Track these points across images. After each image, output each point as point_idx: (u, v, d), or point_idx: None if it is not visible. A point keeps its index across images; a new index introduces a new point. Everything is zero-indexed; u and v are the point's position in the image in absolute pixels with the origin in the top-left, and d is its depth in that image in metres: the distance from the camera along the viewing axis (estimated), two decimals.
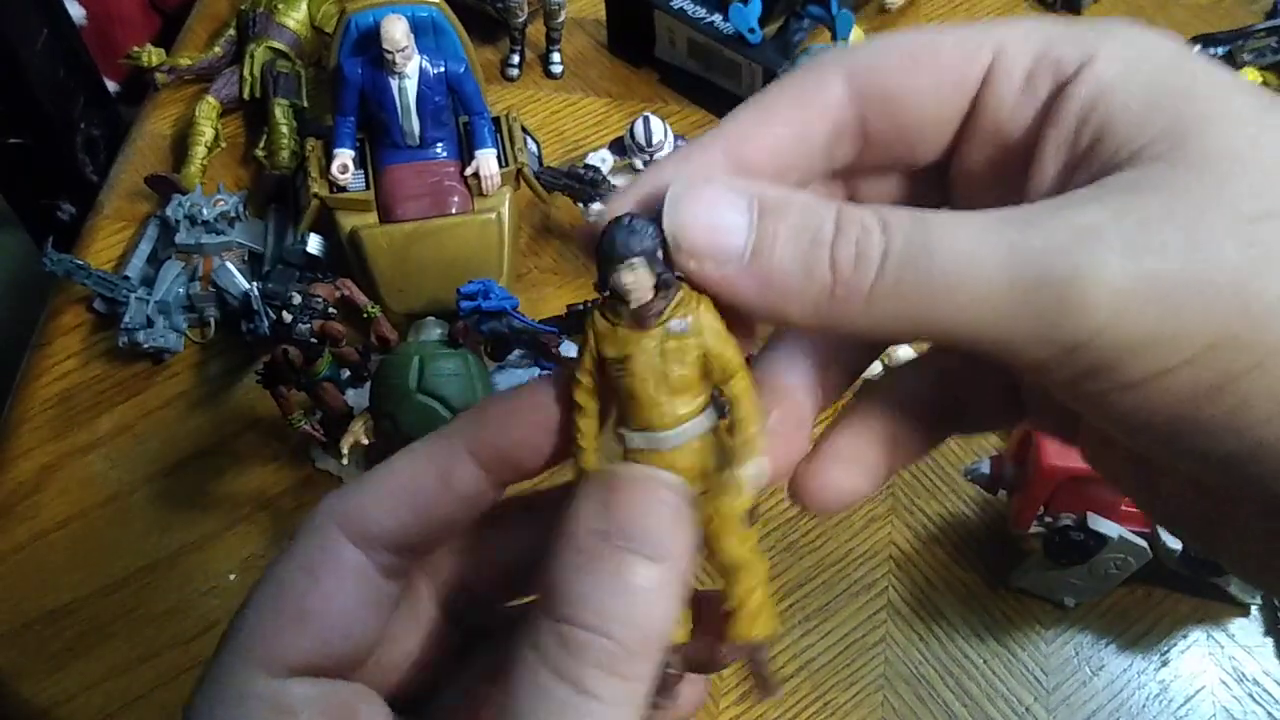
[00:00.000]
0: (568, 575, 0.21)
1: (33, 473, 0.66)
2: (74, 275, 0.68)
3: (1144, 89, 0.22)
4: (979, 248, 0.20)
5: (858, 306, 0.21)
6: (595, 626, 0.21)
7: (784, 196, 0.22)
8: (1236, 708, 0.58)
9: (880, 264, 0.21)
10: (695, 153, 0.25)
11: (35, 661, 0.60)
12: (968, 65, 0.24)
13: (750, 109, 0.25)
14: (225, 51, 0.83)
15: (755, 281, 0.22)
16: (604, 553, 0.21)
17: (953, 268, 0.20)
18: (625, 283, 0.23)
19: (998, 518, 0.63)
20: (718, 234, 0.22)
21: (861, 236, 0.21)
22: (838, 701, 0.58)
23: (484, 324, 0.60)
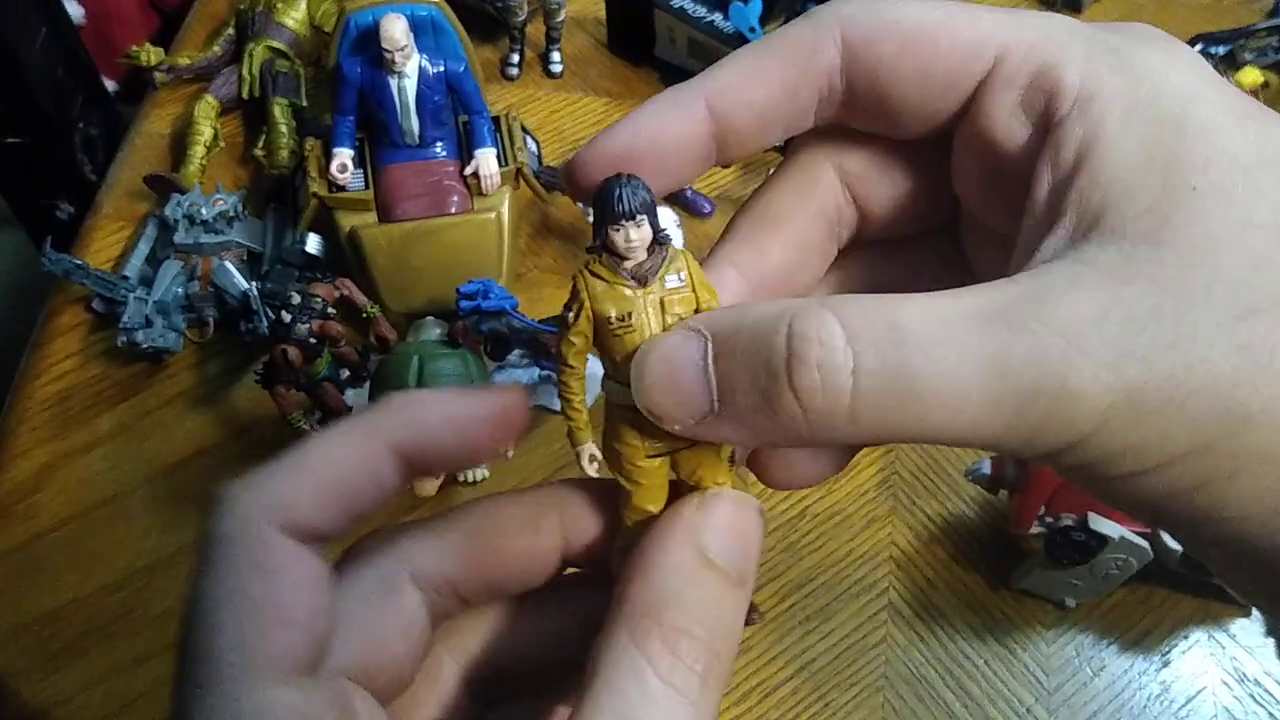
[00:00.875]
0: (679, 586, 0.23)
1: (32, 473, 0.66)
2: (73, 275, 0.68)
3: (1138, 147, 0.21)
4: (961, 362, 0.19)
5: (839, 429, 0.20)
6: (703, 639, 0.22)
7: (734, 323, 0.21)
8: (1238, 708, 0.58)
9: (854, 385, 0.20)
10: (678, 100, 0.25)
11: (35, 661, 0.60)
12: (964, 69, 0.24)
13: (740, 61, 0.25)
14: (224, 51, 0.83)
15: (732, 427, 0.22)
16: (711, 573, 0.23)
17: (935, 387, 0.19)
18: (632, 239, 0.23)
19: (998, 518, 0.63)
20: (683, 401, 0.22)
21: (821, 356, 0.20)
22: (838, 702, 0.58)
23: (484, 324, 0.60)
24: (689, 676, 0.22)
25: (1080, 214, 0.21)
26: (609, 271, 0.23)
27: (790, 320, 0.20)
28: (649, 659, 0.22)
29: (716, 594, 0.23)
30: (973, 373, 0.19)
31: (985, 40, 0.24)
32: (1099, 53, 0.23)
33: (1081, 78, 0.22)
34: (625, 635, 0.22)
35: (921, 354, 0.19)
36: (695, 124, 0.25)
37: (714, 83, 0.25)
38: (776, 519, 0.64)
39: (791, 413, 0.20)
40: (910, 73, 0.24)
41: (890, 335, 0.20)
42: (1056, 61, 0.23)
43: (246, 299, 0.65)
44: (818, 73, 0.24)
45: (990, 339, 0.19)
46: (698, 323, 0.22)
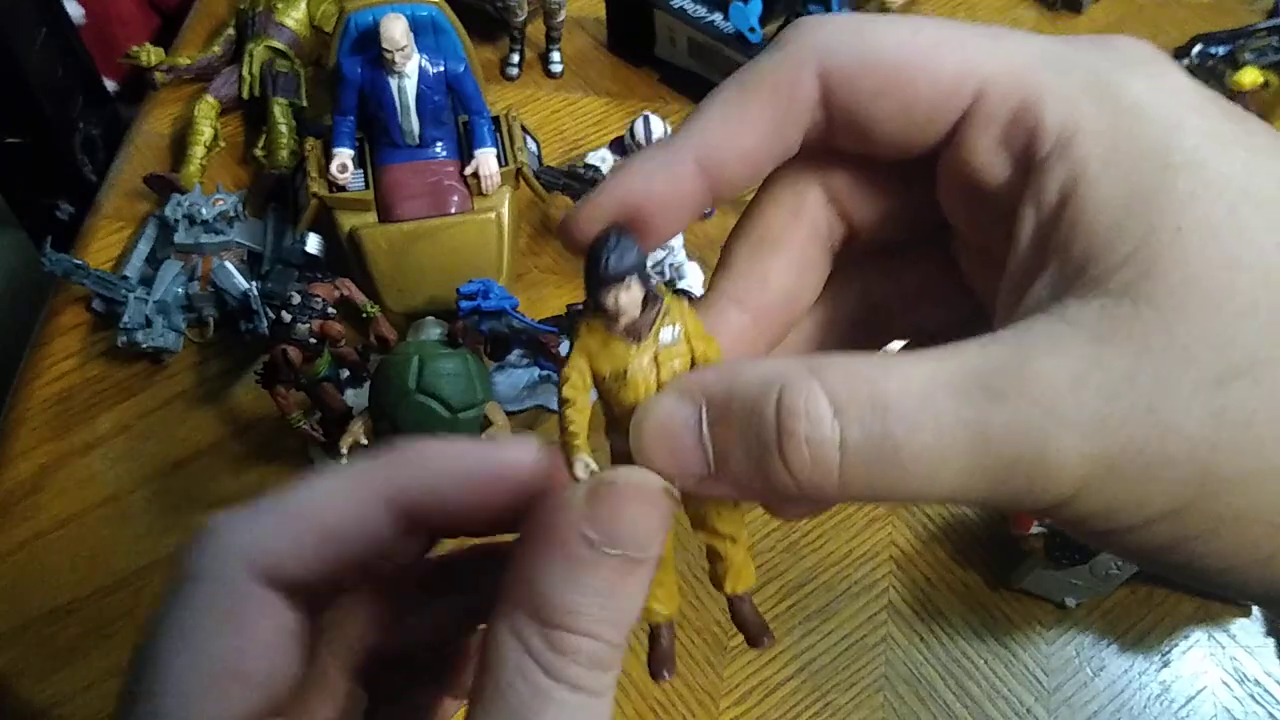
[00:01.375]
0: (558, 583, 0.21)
1: (32, 473, 0.66)
2: (73, 275, 0.68)
3: (1120, 188, 0.21)
4: (942, 434, 0.20)
5: (830, 493, 0.21)
6: (588, 631, 0.21)
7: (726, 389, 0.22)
8: (1238, 708, 0.58)
9: (841, 458, 0.20)
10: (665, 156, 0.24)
11: (35, 661, 0.60)
12: (944, 104, 0.23)
13: (721, 108, 0.24)
14: (224, 51, 0.83)
15: (729, 487, 0.22)
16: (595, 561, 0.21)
17: (919, 459, 0.20)
18: (622, 302, 0.23)
19: (998, 518, 0.63)
20: (681, 460, 0.22)
21: (810, 431, 0.20)
22: (838, 702, 0.58)
23: (484, 324, 0.60)
24: (576, 671, 0.21)
25: (1063, 261, 0.21)
26: (603, 329, 0.24)
27: (779, 392, 0.21)
28: (533, 655, 0.21)
29: (603, 585, 0.21)
30: (953, 443, 0.20)
31: (965, 75, 0.23)
32: (1080, 84, 0.22)
33: (1062, 115, 0.22)
34: (508, 631, 0.21)
35: (904, 426, 0.20)
36: (685, 181, 0.24)
37: (700, 136, 0.24)
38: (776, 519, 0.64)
39: (783, 480, 0.21)
40: (889, 109, 0.24)
41: (874, 408, 0.20)
42: (1037, 97, 0.22)
43: (246, 299, 0.65)
44: (801, 111, 0.24)
45: (970, 409, 0.20)
46: (692, 385, 0.22)
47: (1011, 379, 0.20)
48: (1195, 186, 0.20)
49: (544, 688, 0.21)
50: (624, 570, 0.22)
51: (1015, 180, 0.23)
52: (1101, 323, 0.20)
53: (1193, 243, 0.20)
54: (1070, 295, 0.21)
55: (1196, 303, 0.20)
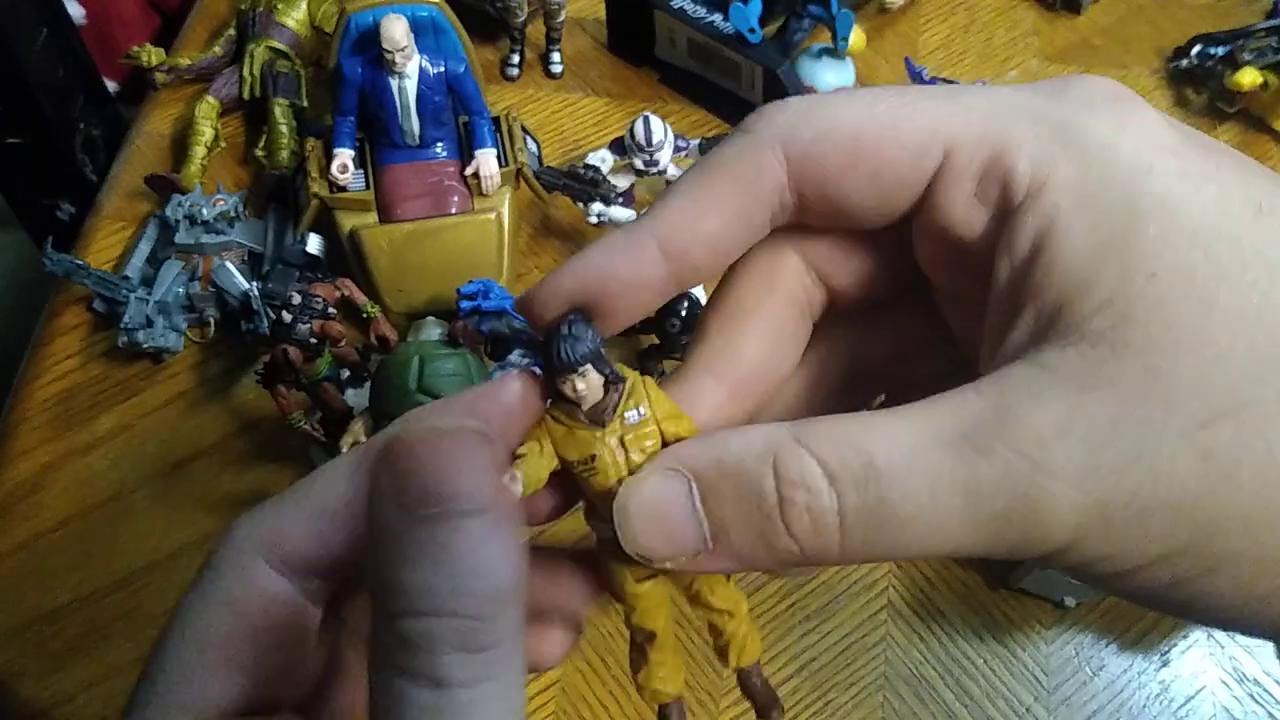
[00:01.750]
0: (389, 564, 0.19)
1: (33, 472, 0.66)
2: (73, 275, 0.68)
3: (1092, 236, 0.21)
4: (935, 494, 0.20)
5: (831, 558, 0.21)
6: (436, 608, 0.19)
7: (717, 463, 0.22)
8: (1237, 708, 0.58)
9: (840, 525, 0.21)
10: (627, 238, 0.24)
11: (35, 661, 0.60)
12: (913, 169, 0.23)
13: (686, 195, 0.24)
14: (225, 51, 0.83)
15: (728, 561, 0.22)
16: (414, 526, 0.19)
17: (915, 521, 0.20)
18: (580, 390, 0.23)
19: None
20: (675, 538, 0.22)
21: (809, 500, 0.21)
22: (838, 702, 0.58)
23: (484, 324, 0.60)
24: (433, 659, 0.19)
25: (1038, 310, 0.21)
26: (566, 416, 0.24)
27: (774, 463, 0.21)
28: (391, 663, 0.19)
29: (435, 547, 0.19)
30: (947, 502, 0.20)
31: (931, 136, 0.23)
32: (1047, 132, 0.22)
33: (1032, 164, 0.22)
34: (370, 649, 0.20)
35: (896, 488, 0.20)
36: (648, 266, 0.24)
37: (663, 222, 0.24)
38: None
39: (787, 549, 0.21)
40: (859, 181, 0.24)
41: (866, 472, 0.20)
42: (1005, 149, 0.22)
43: (247, 299, 0.65)
44: (766, 195, 0.24)
45: (959, 465, 0.20)
46: (676, 462, 0.22)
47: (997, 432, 0.20)
48: (1167, 231, 0.20)
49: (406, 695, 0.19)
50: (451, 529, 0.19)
51: (991, 232, 0.23)
52: (1082, 369, 0.20)
53: (1167, 287, 0.20)
54: (1047, 342, 0.21)
55: (1175, 347, 0.20)
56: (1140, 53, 0.88)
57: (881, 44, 0.87)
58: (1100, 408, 0.20)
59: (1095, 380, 0.20)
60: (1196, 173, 0.21)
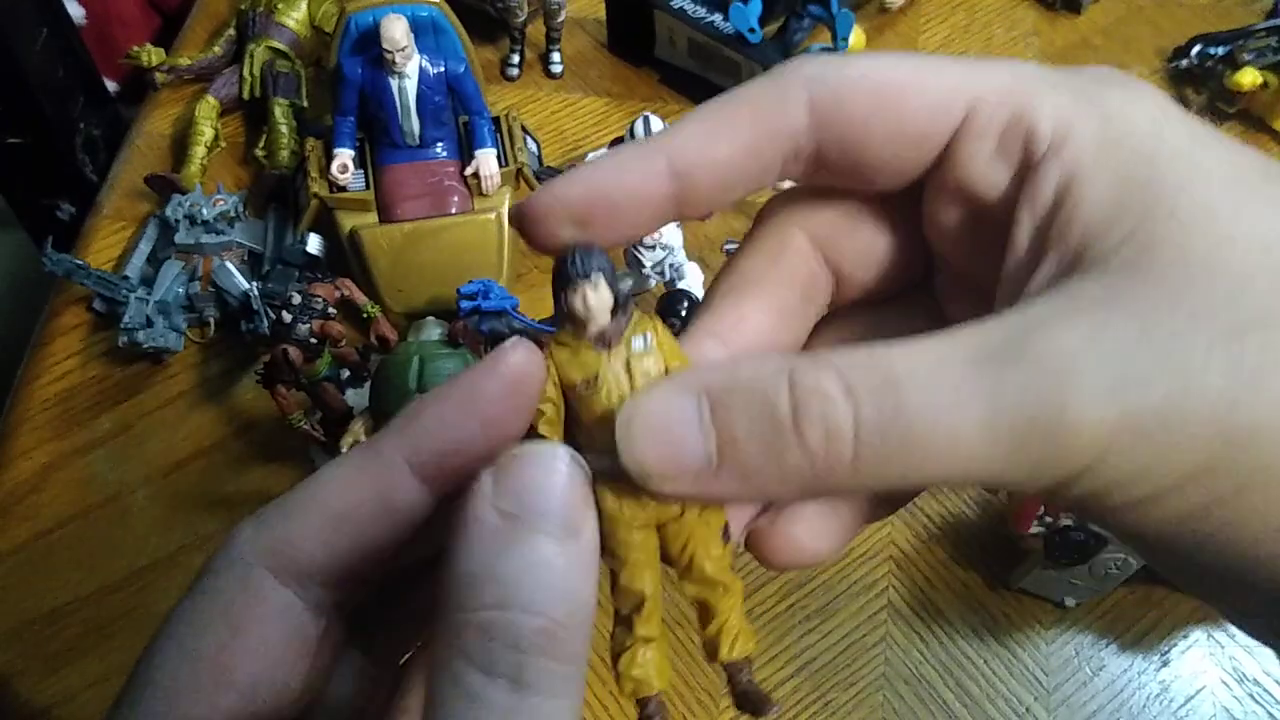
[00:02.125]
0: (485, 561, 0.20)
1: (33, 473, 0.66)
2: (73, 275, 0.68)
3: (1114, 181, 0.21)
4: (956, 407, 0.19)
5: (843, 478, 0.20)
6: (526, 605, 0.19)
7: (728, 378, 0.21)
8: (1237, 708, 0.58)
9: (855, 436, 0.20)
10: (638, 153, 0.24)
11: (35, 661, 0.60)
12: (936, 122, 0.24)
13: (702, 119, 0.24)
14: (225, 51, 0.83)
15: (732, 482, 0.21)
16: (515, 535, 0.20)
17: (934, 431, 0.19)
18: (590, 302, 0.23)
19: (998, 518, 0.63)
20: (678, 456, 0.21)
21: (825, 409, 0.20)
22: (838, 701, 0.58)
23: (484, 324, 0.60)
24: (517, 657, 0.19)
25: (1062, 251, 0.21)
26: (572, 338, 0.23)
27: (791, 374, 0.20)
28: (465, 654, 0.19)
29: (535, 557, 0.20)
30: (968, 413, 0.19)
31: (955, 93, 0.23)
32: (1067, 97, 0.23)
33: (1054, 121, 0.22)
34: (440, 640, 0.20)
35: (916, 400, 0.19)
36: (654, 180, 0.24)
37: (676, 140, 0.24)
38: None
39: (797, 465, 0.20)
40: (881, 132, 0.24)
41: (886, 384, 0.20)
42: (1028, 108, 0.23)
43: (247, 299, 0.65)
44: (783, 135, 0.24)
45: (983, 378, 0.19)
46: (685, 378, 0.22)
47: (1021, 348, 0.20)
48: (1185, 177, 0.21)
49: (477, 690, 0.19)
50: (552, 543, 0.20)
51: (1010, 189, 0.23)
52: (1106, 294, 0.20)
53: (1188, 223, 0.20)
54: (1070, 278, 0.21)
55: (1198, 273, 0.20)
56: (1140, 53, 0.88)
57: (881, 44, 0.87)
58: (1126, 324, 0.19)
59: (1119, 302, 0.20)
60: (1205, 137, 0.22)
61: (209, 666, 0.21)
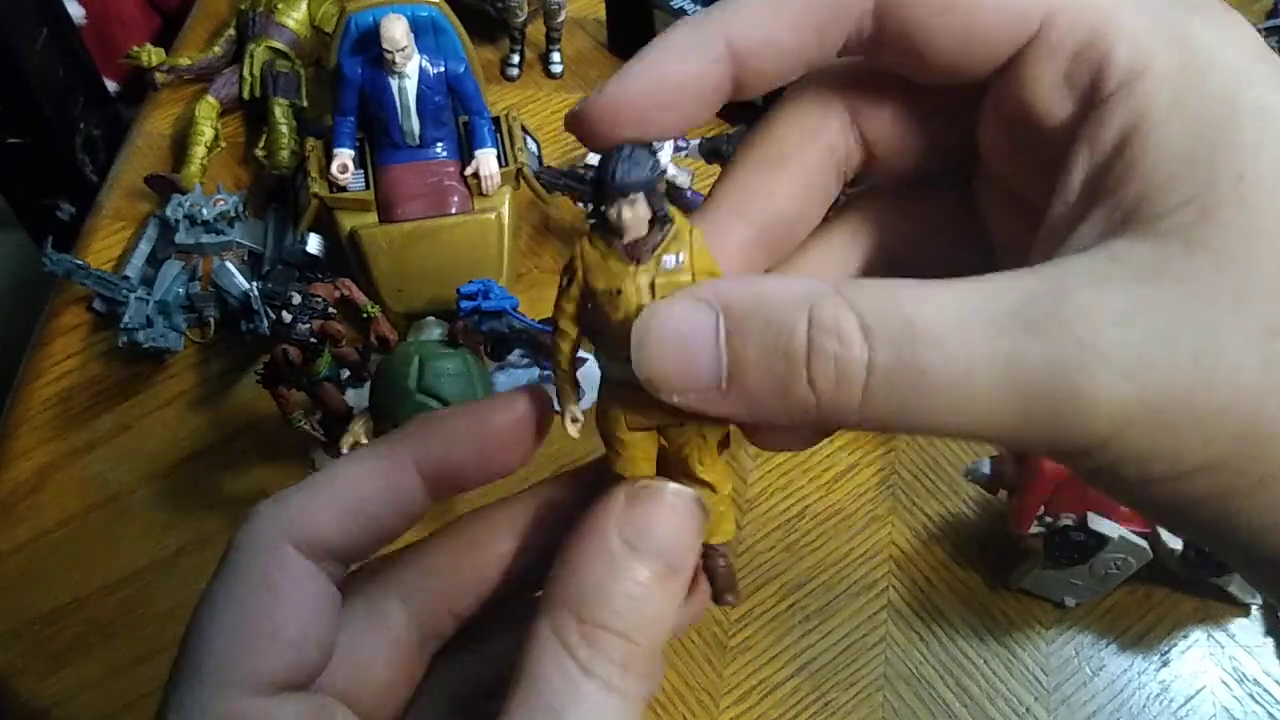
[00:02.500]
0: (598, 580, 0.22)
1: (33, 473, 0.66)
2: (73, 275, 0.68)
3: (1186, 131, 0.20)
4: (974, 362, 0.19)
5: (849, 418, 0.20)
6: (622, 632, 0.22)
7: (750, 300, 0.21)
8: (1237, 708, 0.58)
9: (867, 380, 0.19)
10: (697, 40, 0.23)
11: (35, 661, 0.60)
12: (1007, 31, 0.22)
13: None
14: (225, 51, 0.83)
15: (738, 404, 0.21)
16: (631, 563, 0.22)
17: (948, 384, 0.19)
18: (624, 217, 0.22)
19: (998, 518, 0.63)
20: (690, 370, 0.21)
21: (840, 350, 0.19)
22: (838, 701, 0.58)
23: (484, 324, 0.60)
24: (608, 667, 0.22)
25: (1115, 204, 0.20)
26: (604, 244, 0.23)
27: (810, 309, 0.20)
28: (569, 649, 0.22)
29: (638, 589, 0.22)
30: (985, 373, 0.19)
31: (1032, 6, 0.22)
32: (1152, 21, 0.21)
33: (1131, 52, 0.21)
34: (547, 627, 0.22)
35: (934, 352, 0.19)
36: (717, 66, 0.23)
37: (737, 20, 0.23)
38: (776, 518, 0.64)
39: (804, 399, 0.20)
40: (948, 30, 0.22)
41: (905, 331, 0.19)
42: (1105, 32, 0.21)
43: (247, 299, 0.65)
44: (850, 16, 0.23)
45: (1004, 339, 0.19)
46: (709, 293, 0.21)
47: (1050, 311, 0.19)
48: (1262, 136, 0.20)
49: (576, 680, 0.22)
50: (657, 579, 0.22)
51: (1074, 118, 0.22)
52: (1152, 263, 0.19)
53: (1255, 192, 0.19)
54: (1118, 236, 0.20)
55: (1253, 251, 0.19)
56: None
57: None
58: (1165, 303, 0.19)
59: (1164, 275, 0.19)
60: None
61: (260, 627, 0.23)
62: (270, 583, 0.23)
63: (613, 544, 0.23)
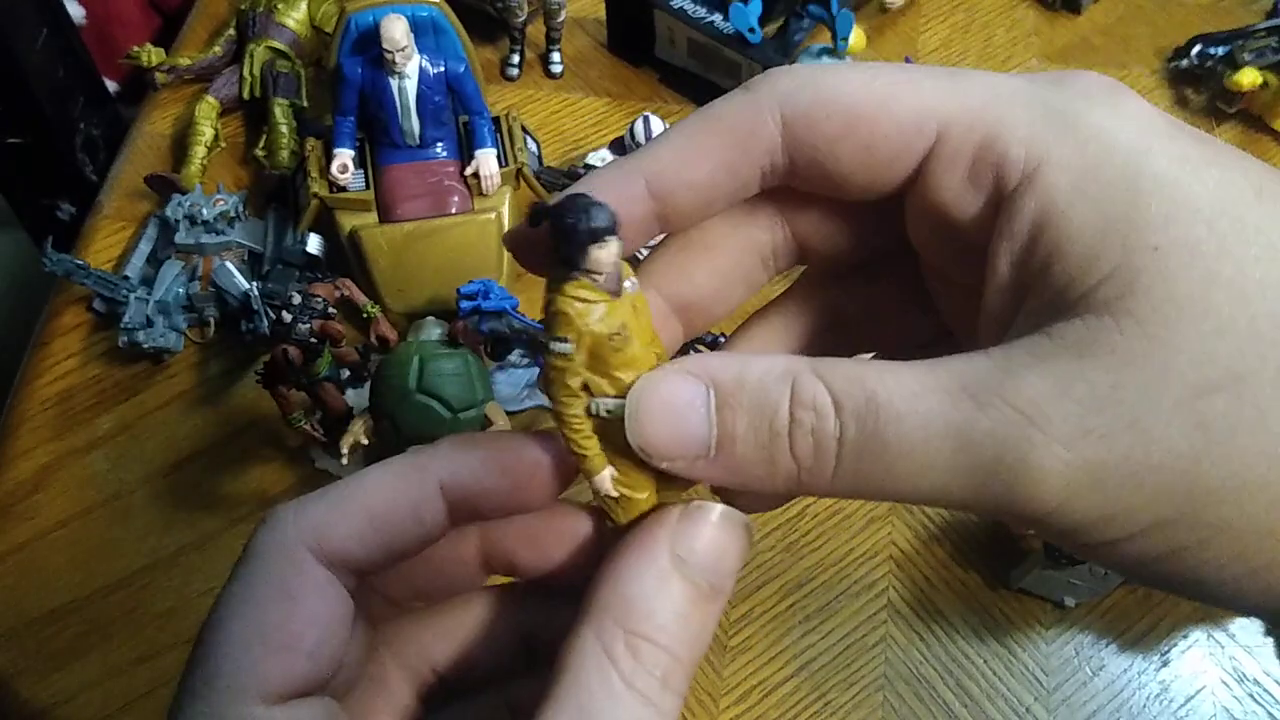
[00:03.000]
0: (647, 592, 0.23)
1: (33, 473, 0.66)
2: (73, 275, 0.68)
3: (1093, 214, 0.21)
4: (929, 435, 0.20)
5: (823, 487, 0.22)
6: (666, 646, 0.22)
7: (738, 377, 0.22)
8: (1237, 708, 0.58)
9: (838, 453, 0.21)
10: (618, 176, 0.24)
11: (35, 661, 0.60)
12: (906, 146, 0.23)
13: (678, 140, 0.25)
14: (225, 51, 0.83)
15: (724, 472, 0.23)
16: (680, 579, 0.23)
17: (906, 455, 0.21)
18: (608, 259, 0.23)
19: None
20: (682, 439, 0.22)
21: (816, 424, 0.21)
22: (838, 701, 0.58)
23: (484, 324, 0.60)
24: (649, 680, 0.22)
25: (1042, 292, 0.21)
26: (591, 291, 0.23)
27: (792, 386, 0.21)
28: (612, 659, 0.22)
29: (685, 605, 0.23)
30: (938, 446, 0.20)
31: (926, 116, 0.23)
32: (1042, 116, 0.22)
33: (1026, 147, 0.22)
34: (592, 635, 0.22)
35: (893, 426, 0.21)
36: (635, 203, 0.24)
37: (653, 162, 0.24)
38: (776, 519, 0.64)
39: (785, 471, 0.22)
40: (852, 152, 0.24)
41: (868, 407, 0.21)
42: (999, 133, 0.22)
43: (247, 299, 0.65)
44: (758, 152, 0.24)
45: (955, 413, 0.20)
46: (698, 368, 0.23)
47: (995, 387, 0.20)
48: (1169, 208, 0.20)
49: (617, 690, 0.22)
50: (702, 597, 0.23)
51: (985, 214, 0.23)
52: (1084, 338, 0.20)
53: (1170, 261, 0.20)
54: (1053, 320, 0.21)
55: (1176, 317, 0.20)
56: (1140, 53, 0.88)
57: (881, 44, 0.87)
58: (1099, 374, 0.20)
59: (1097, 348, 0.20)
60: (1196, 156, 0.21)
61: (278, 634, 0.23)
62: (288, 591, 0.24)
63: (663, 558, 0.23)
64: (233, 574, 0.24)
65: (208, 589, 0.62)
